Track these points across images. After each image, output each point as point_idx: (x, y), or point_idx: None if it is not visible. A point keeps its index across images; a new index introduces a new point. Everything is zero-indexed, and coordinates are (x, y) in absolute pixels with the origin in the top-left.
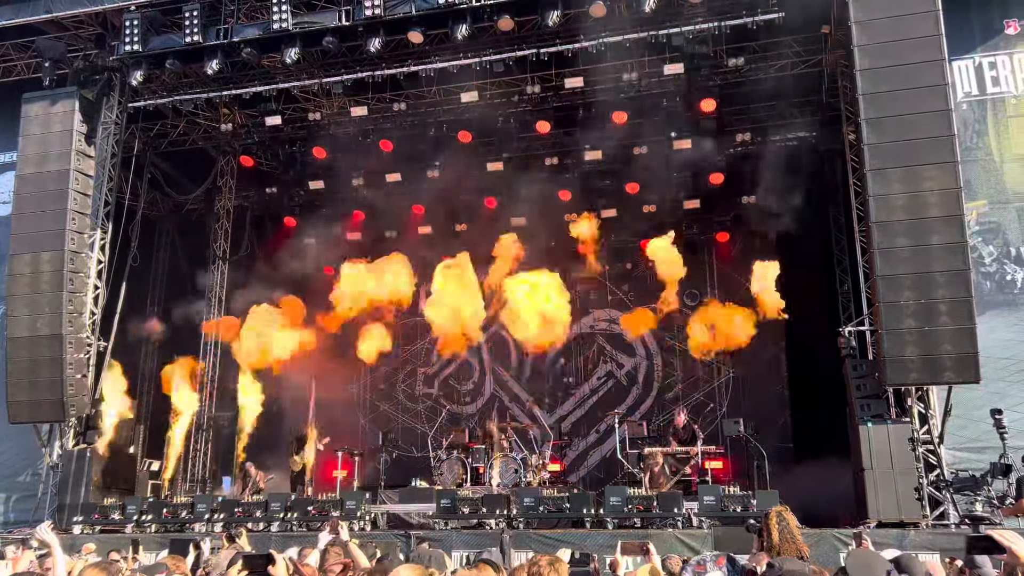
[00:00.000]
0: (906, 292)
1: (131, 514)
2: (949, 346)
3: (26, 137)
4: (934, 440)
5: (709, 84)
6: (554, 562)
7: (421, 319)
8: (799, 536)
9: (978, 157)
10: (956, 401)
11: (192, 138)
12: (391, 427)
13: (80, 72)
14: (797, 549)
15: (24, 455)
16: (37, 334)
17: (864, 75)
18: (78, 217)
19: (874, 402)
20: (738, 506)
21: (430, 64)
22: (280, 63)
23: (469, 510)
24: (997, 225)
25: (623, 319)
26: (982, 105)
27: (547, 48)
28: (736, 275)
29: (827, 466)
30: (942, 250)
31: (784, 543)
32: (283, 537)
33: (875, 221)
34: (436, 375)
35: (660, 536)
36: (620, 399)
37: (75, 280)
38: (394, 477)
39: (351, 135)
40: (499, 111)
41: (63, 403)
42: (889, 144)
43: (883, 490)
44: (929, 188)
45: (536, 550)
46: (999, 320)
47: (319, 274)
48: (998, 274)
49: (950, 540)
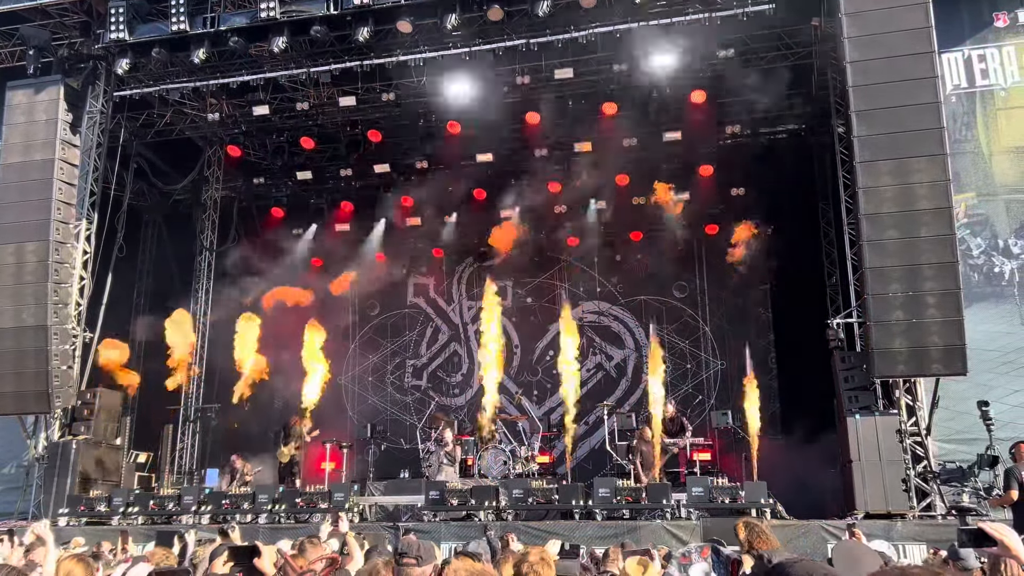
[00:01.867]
0: (894, 284)
1: (117, 506)
2: (937, 338)
3: (10, 126)
4: (921, 432)
5: (699, 76)
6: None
7: (409, 311)
8: (770, 533)
9: (967, 150)
10: (943, 393)
11: (179, 128)
12: (379, 419)
13: (65, 60)
14: (768, 542)
15: (9, 447)
16: (22, 325)
17: (854, 67)
18: (63, 207)
19: (862, 394)
20: (726, 497)
21: (419, 54)
22: (268, 52)
23: (458, 502)
24: (985, 217)
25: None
26: (971, 98)
27: (537, 38)
28: (725, 266)
29: (815, 458)
30: (931, 242)
31: (755, 538)
32: (271, 529)
33: (864, 213)
34: (425, 367)
35: (649, 527)
36: (609, 391)
37: (60, 271)
38: (383, 469)
39: (339, 125)
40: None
41: (48, 394)
42: (878, 136)
43: (871, 482)
44: (918, 180)
45: (525, 542)
46: (987, 312)
47: (306, 265)
48: (986, 266)
49: (937, 531)
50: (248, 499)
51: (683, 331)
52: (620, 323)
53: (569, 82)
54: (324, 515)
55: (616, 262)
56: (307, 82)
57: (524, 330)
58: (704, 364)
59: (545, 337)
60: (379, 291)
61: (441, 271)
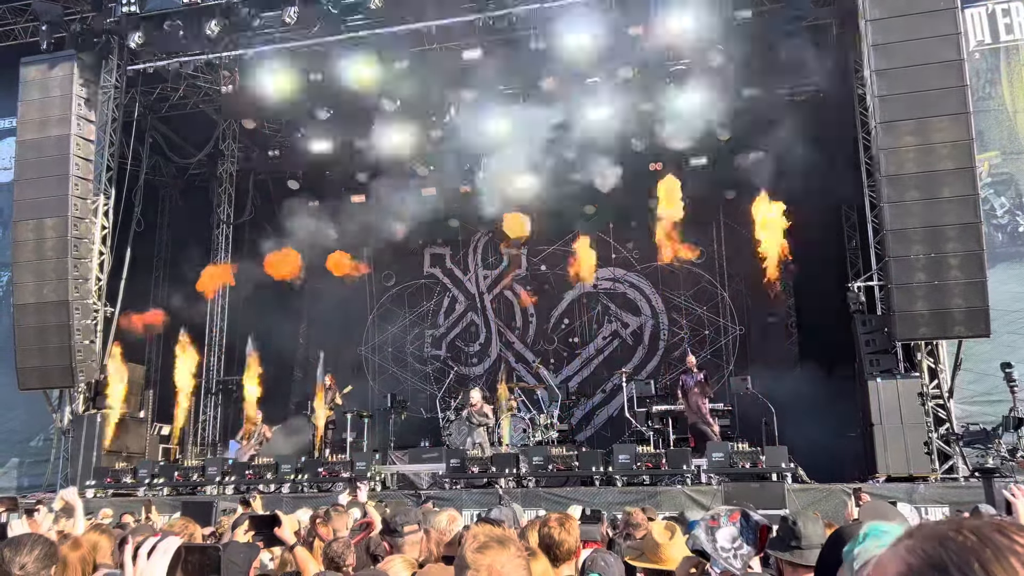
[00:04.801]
0: (916, 246)
1: (143, 478)
2: (960, 300)
3: (25, 102)
4: (943, 394)
5: (716, 37)
6: (564, 520)
7: (426, 281)
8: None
9: (991, 107)
10: (966, 355)
11: (193, 101)
12: (400, 390)
13: (78, 35)
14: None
15: (34, 420)
16: (44, 300)
17: (874, 25)
18: (80, 182)
19: (883, 357)
20: (747, 462)
21: (433, 21)
22: (280, 22)
23: (479, 470)
24: (1010, 176)
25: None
26: (995, 54)
27: (551, 3)
28: (743, 231)
29: (837, 422)
30: (953, 203)
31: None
32: (294, 499)
33: (885, 174)
34: (444, 337)
35: (669, 493)
36: (626, 359)
37: (80, 246)
38: (404, 438)
39: (354, 95)
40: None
41: (72, 369)
42: (900, 96)
43: (892, 445)
44: (940, 140)
45: (547, 508)
46: (1010, 272)
47: (322, 237)
48: (1010, 226)
49: (959, 493)
50: (271, 469)
51: (700, 297)
52: (636, 290)
53: (583, 47)
54: (344, 484)
55: (631, 228)
56: (320, 52)
57: (539, 298)
58: (723, 330)
59: (560, 305)
60: (396, 262)
61: (457, 240)
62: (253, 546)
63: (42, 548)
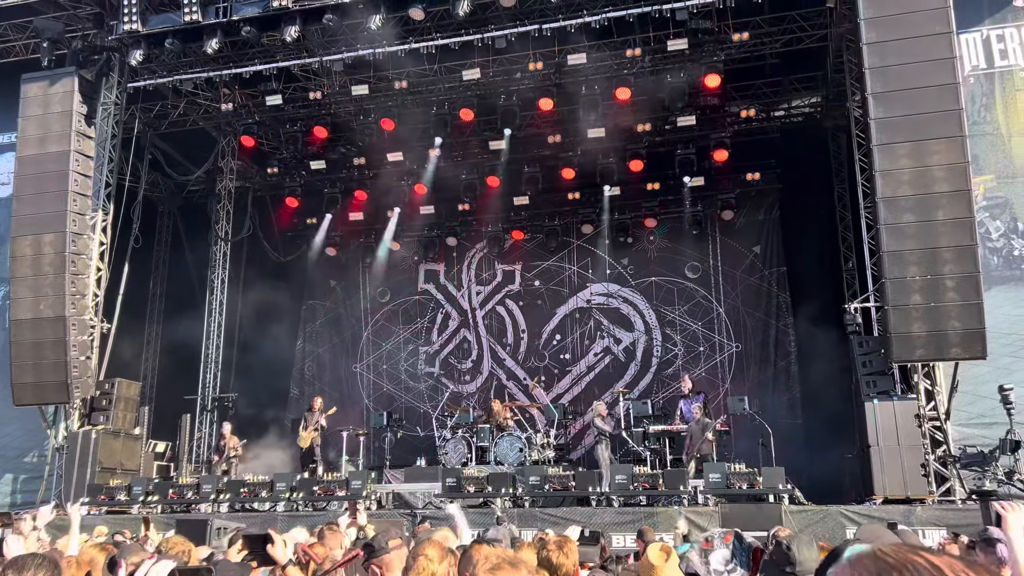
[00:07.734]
0: (912, 268)
1: (137, 495)
2: (956, 322)
3: (26, 118)
4: (940, 416)
5: (713, 59)
6: (563, 543)
7: (420, 297)
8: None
9: (986, 131)
10: (963, 377)
11: (192, 118)
12: (394, 407)
13: (79, 52)
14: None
15: (29, 436)
16: (40, 316)
17: (871, 48)
18: (79, 198)
19: (880, 379)
20: (744, 483)
21: (431, 41)
22: (280, 41)
23: (475, 489)
24: (1005, 200)
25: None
26: (990, 78)
27: (549, 24)
28: (741, 250)
29: (834, 443)
30: (949, 225)
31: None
32: (289, 517)
33: (881, 197)
34: (437, 354)
35: (666, 514)
36: (618, 376)
37: (77, 262)
38: (400, 457)
39: (352, 114)
40: (501, 88)
41: (67, 385)
42: (896, 119)
43: (889, 467)
44: (936, 163)
45: (544, 529)
46: (1006, 295)
47: (322, 254)
48: (1005, 249)
49: (956, 516)
50: (266, 487)
51: (695, 312)
52: (629, 305)
53: (582, 68)
54: (343, 504)
55: (627, 244)
56: (320, 71)
57: (531, 314)
58: (718, 347)
59: (552, 321)
60: (390, 278)
61: (452, 257)
62: (245, 566)
63: (46, 569)
